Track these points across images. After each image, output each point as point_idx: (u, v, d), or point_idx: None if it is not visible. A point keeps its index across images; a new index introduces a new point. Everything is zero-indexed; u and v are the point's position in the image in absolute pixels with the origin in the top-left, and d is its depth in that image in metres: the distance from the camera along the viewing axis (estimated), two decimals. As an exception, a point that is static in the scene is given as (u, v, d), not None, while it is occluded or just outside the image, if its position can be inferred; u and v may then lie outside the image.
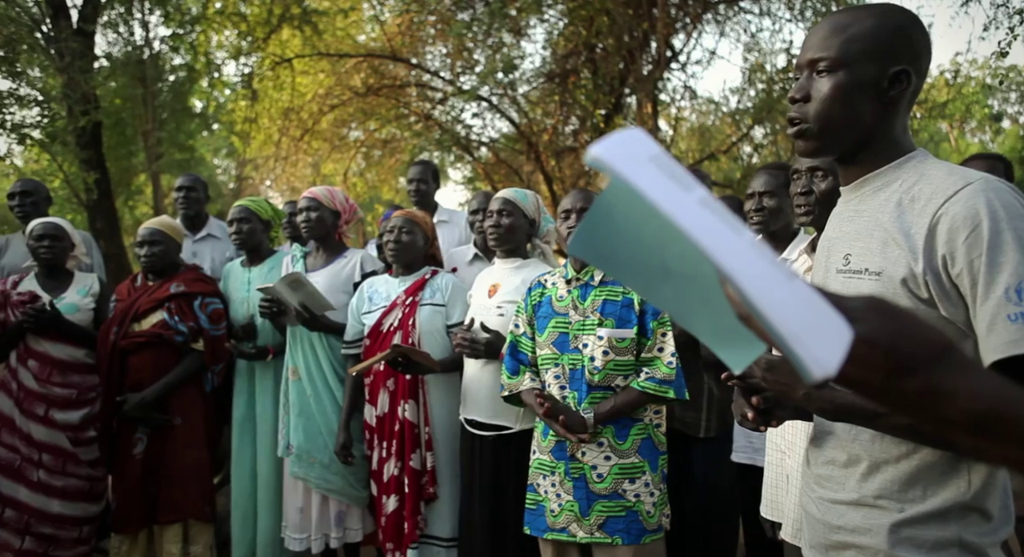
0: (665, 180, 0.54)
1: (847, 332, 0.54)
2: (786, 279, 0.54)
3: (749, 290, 0.51)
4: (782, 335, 0.51)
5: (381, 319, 2.71)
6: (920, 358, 0.57)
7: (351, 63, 8.45)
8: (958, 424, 0.56)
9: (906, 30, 1.10)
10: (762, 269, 0.53)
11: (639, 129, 0.58)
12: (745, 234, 0.55)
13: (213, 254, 3.71)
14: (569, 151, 8.76)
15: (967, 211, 0.99)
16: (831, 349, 0.52)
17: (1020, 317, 0.94)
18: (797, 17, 8.36)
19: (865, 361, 0.56)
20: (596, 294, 2.18)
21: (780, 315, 0.51)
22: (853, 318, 0.56)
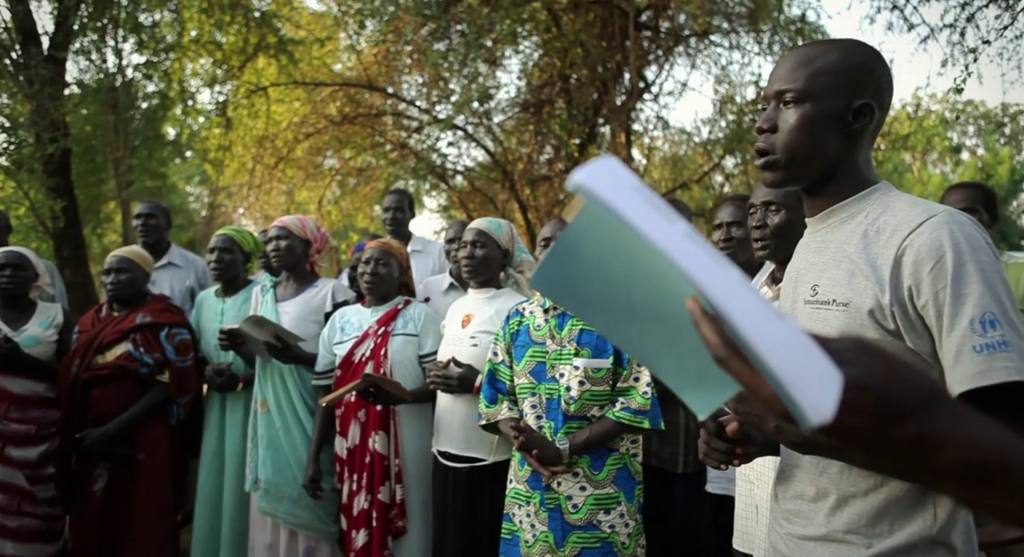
0: (651, 210, 0.52)
1: (837, 375, 0.51)
2: (778, 319, 0.51)
3: (745, 328, 0.48)
4: (779, 377, 0.48)
5: (353, 349, 2.67)
6: (912, 403, 0.54)
7: (327, 92, 8.47)
8: (951, 474, 0.53)
9: (869, 65, 1.12)
10: (755, 307, 0.50)
11: (614, 158, 0.55)
12: (733, 269, 0.52)
13: (173, 283, 3.64)
14: (544, 180, 8.83)
15: (931, 243, 1.01)
16: (825, 393, 0.49)
17: (985, 348, 0.95)
18: (765, 51, 8.59)
19: (855, 406, 0.53)
20: (573, 324, 2.18)
21: (777, 356, 0.48)
22: (842, 361, 0.53)
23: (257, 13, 6.57)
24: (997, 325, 0.95)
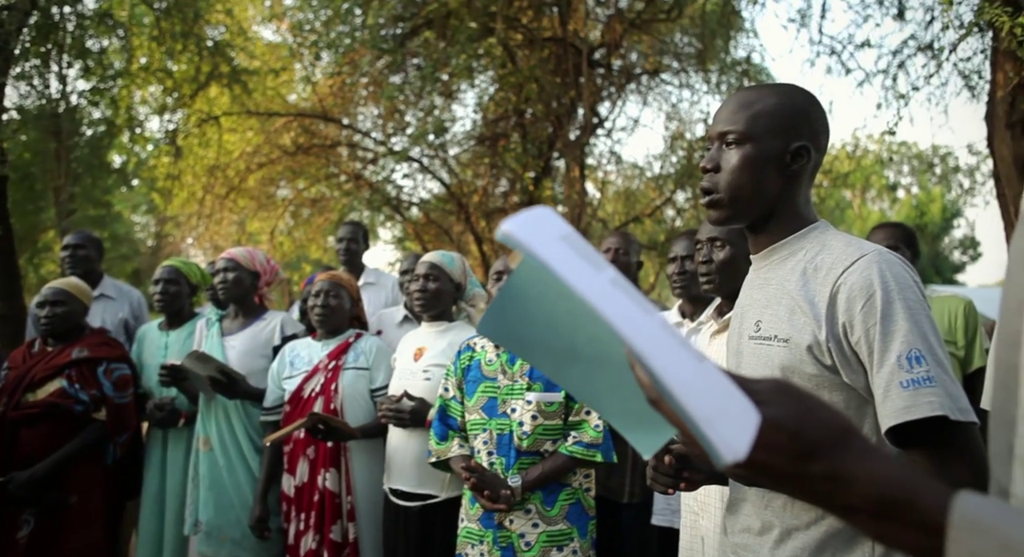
0: (577, 259, 0.53)
1: (755, 415, 0.54)
2: (696, 361, 0.53)
3: (660, 372, 0.50)
4: (693, 418, 0.50)
5: (303, 384, 2.62)
6: (825, 442, 0.56)
7: (281, 122, 8.40)
8: (862, 509, 0.55)
9: (806, 109, 1.17)
10: (673, 350, 0.52)
11: (549, 208, 0.57)
12: (655, 315, 0.54)
13: (105, 315, 3.49)
14: (499, 212, 8.88)
15: (862, 281, 1.05)
16: (740, 432, 0.51)
17: (911, 384, 0.98)
18: (713, 90, 8.89)
19: (771, 444, 0.55)
20: (524, 358, 2.16)
21: (691, 398, 0.50)
22: (760, 401, 0.56)
23: (210, 42, 6.49)
24: (923, 361, 0.99)
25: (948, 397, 0.97)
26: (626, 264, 2.93)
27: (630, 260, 2.96)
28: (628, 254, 2.96)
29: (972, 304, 2.77)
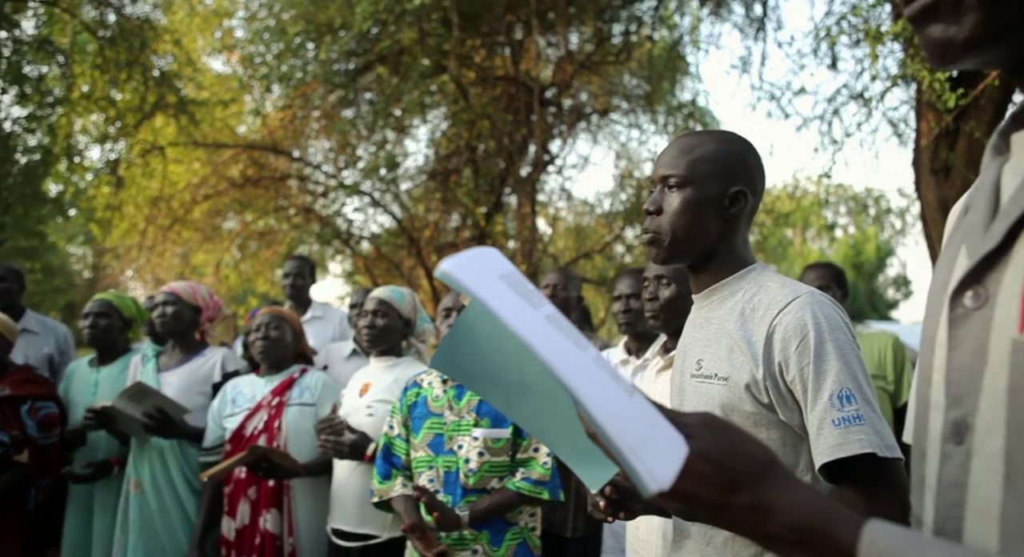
0: (514, 297, 0.55)
1: (683, 447, 0.56)
2: (626, 395, 0.56)
3: (588, 404, 0.52)
4: (620, 449, 0.52)
5: (245, 422, 2.53)
6: (748, 474, 0.59)
7: (229, 153, 8.27)
8: (782, 538, 0.57)
9: (743, 155, 1.23)
10: (603, 385, 0.54)
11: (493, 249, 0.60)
12: (589, 350, 0.56)
13: (28, 351, 3.31)
14: (451, 247, 8.88)
15: (796, 322, 1.09)
16: (667, 463, 0.54)
17: (843, 422, 1.03)
18: (661, 130, 9.17)
19: (698, 476, 0.58)
20: (472, 394, 2.15)
21: (618, 429, 0.52)
22: (688, 434, 0.58)
23: (157, 72, 6.38)
24: (853, 400, 1.03)
25: (876, 434, 1.02)
26: (565, 300, 2.98)
27: (568, 296, 3.02)
28: (567, 290, 3.02)
29: (900, 340, 2.89)
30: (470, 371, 0.65)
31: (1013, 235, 0.54)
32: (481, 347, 0.62)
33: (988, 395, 0.54)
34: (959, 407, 0.57)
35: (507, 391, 0.65)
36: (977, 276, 0.57)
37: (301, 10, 6.24)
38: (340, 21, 6.11)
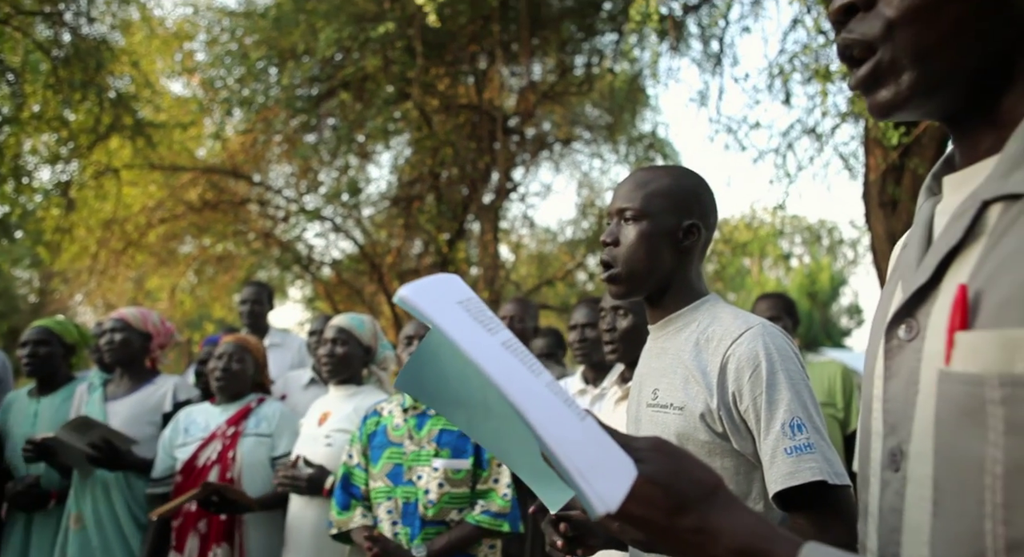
0: (471, 323, 0.57)
1: (632, 471, 0.59)
2: (578, 419, 0.58)
3: (539, 428, 0.54)
4: (569, 472, 0.54)
5: (197, 452, 2.45)
6: (694, 497, 0.61)
7: (187, 177, 8.13)
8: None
9: (696, 190, 1.27)
10: (555, 409, 0.56)
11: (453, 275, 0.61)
12: (543, 376, 0.58)
13: None
14: (413, 273, 8.83)
15: (749, 353, 1.12)
16: (615, 486, 0.56)
17: (795, 451, 1.05)
18: (622, 160, 9.34)
19: (646, 499, 0.60)
20: (433, 423, 2.12)
21: (568, 453, 0.54)
22: (638, 458, 0.61)
23: (113, 93, 6.25)
24: (804, 429, 1.07)
25: (826, 462, 1.05)
26: (522, 331, 3.04)
27: (526, 326, 3.07)
28: (523, 320, 3.08)
29: (848, 368, 2.98)
30: (434, 393, 0.66)
31: (942, 271, 0.58)
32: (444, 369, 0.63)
33: (919, 424, 0.57)
34: (895, 436, 0.60)
35: (470, 412, 0.66)
36: (910, 309, 0.60)
37: (264, 35, 6.23)
38: (304, 47, 6.11)
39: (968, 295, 0.54)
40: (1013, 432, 0.49)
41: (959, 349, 0.54)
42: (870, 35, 0.59)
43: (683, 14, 6.33)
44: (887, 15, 0.58)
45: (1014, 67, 0.57)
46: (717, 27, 6.21)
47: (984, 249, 0.55)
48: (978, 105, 0.60)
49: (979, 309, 0.53)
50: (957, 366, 0.54)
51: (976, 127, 0.61)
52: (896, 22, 0.58)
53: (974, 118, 0.61)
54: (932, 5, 0.56)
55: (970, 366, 0.53)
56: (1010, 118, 0.58)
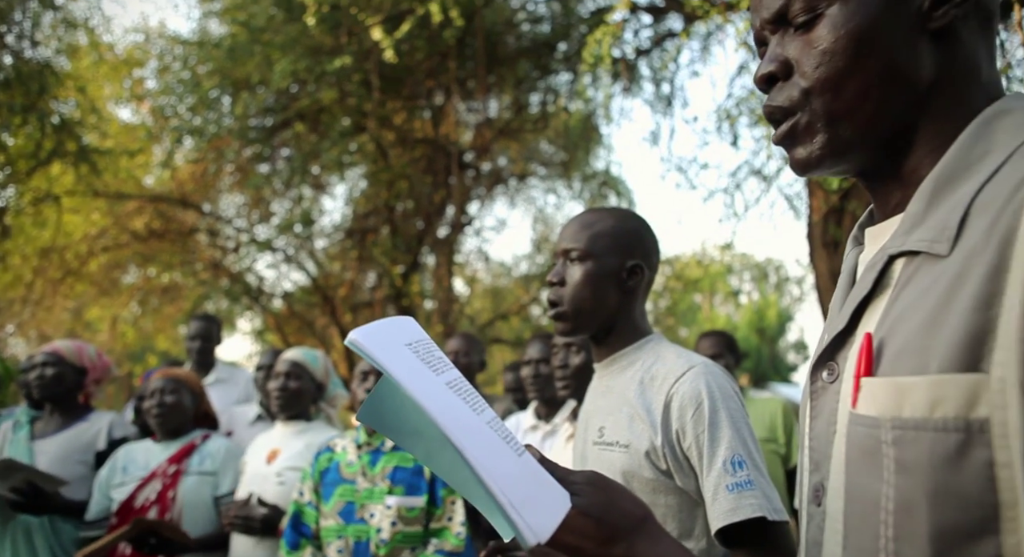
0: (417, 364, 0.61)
1: (566, 503, 0.63)
2: (516, 455, 0.63)
3: (475, 464, 0.58)
4: (502, 504, 0.58)
5: (135, 492, 2.34)
6: (624, 528, 0.66)
7: (133, 205, 7.91)
8: None
9: (639, 232, 1.32)
10: (493, 446, 0.61)
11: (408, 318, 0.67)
12: (485, 413, 0.64)
13: None
14: (366, 306, 8.73)
15: (692, 391, 1.16)
16: (548, 518, 0.60)
17: (736, 487, 1.08)
18: (577, 197, 9.49)
19: (579, 529, 0.65)
20: (387, 460, 2.09)
21: (501, 486, 0.59)
22: (573, 491, 0.66)
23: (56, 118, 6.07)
24: (744, 466, 1.10)
25: (766, 498, 1.08)
26: (467, 365, 3.06)
27: (471, 361, 3.11)
28: (469, 355, 3.11)
29: (789, 405, 3.07)
30: (394, 424, 0.69)
31: (856, 318, 0.63)
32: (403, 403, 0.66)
33: (835, 461, 0.62)
34: (818, 472, 0.64)
35: (428, 444, 0.69)
36: (831, 353, 0.65)
37: (218, 65, 6.16)
38: (258, 77, 6.06)
39: (873, 343, 0.59)
40: (902, 471, 0.54)
41: (863, 393, 0.58)
42: (788, 102, 0.66)
43: (635, 57, 6.54)
44: (803, 85, 0.64)
45: (916, 131, 0.63)
46: (668, 70, 6.43)
47: (889, 300, 0.60)
48: (887, 165, 0.65)
49: (881, 356, 0.58)
50: (861, 409, 0.58)
51: (886, 185, 0.66)
52: (810, 91, 0.64)
53: (884, 176, 0.66)
54: (839, 78, 0.62)
55: (870, 409, 0.57)
56: (914, 177, 0.63)
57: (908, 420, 0.54)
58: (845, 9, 0.62)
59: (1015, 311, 0.50)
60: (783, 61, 0.66)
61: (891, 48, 0.61)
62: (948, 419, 0.52)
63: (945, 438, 0.52)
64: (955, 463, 0.51)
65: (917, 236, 0.59)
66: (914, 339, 0.55)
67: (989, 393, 0.51)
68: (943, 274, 0.55)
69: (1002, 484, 0.50)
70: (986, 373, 0.51)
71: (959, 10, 0.61)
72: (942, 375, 0.52)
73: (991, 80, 0.64)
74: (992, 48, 0.65)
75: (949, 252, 0.56)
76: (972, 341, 0.51)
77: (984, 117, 0.60)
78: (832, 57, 0.62)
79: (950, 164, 0.59)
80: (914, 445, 0.53)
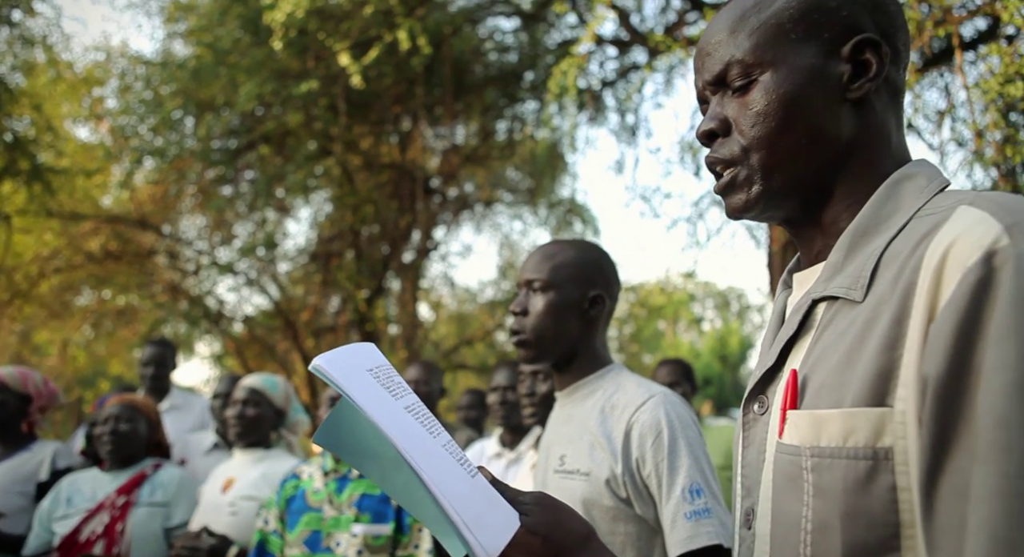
0: (378, 389, 0.65)
1: (515, 522, 0.68)
2: (469, 477, 0.67)
3: (430, 485, 0.62)
4: (455, 523, 0.62)
5: (80, 525, 2.24)
6: (569, 546, 0.72)
7: (89, 225, 7.72)
8: None
9: (600, 263, 1.34)
10: (448, 468, 0.65)
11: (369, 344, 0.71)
12: (441, 437, 0.67)
13: None
14: (329, 331, 8.62)
15: (652, 420, 1.18)
16: (498, 536, 0.64)
17: (694, 515, 1.11)
18: (542, 223, 9.57)
19: (526, 547, 0.70)
20: (354, 487, 2.05)
21: (455, 506, 0.63)
22: (522, 511, 0.71)
23: (9, 135, 5.91)
24: (702, 494, 1.13)
25: (722, 526, 1.10)
26: (427, 394, 3.06)
27: (431, 389, 3.11)
28: (429, 383, 3.12)
29: None
30: (350, 447, 0.71)
31: (784, 356, 0.70)
32: (361, 425, 0.68)
33: (764, 487, 0.68)
34: (749, 497, 0.70)
35: (383, 466, 0.71)
36: (762, 388, 0.72)
37: (181, 85, 6.10)
38: (223, 100, 6.01)
39: (798, 379, 0.65)
40: (819, 495, 0.60)
41: (788, 424, 0.65)
42: (729, 156, 0.73)
43: (601, 88, 6.67)
44: (742, 143, 0.72)
45: (835, 187, 0.71)
46: (632, 102, 6.57)
47: (812, 340, 0.67)
48: (810, 215, 0.73)
49: (804, 391, 0.65)
50: (786, 439, 0.65)
51: (809, 233, 0.74)
52: (748, 148, 0.71)
53: (807, 225, 0.74)
54: (772, 136, 0.70)
55: (793, 439, 0.64)
56: (833, 228, 0.72)
57: (825, 448, 0.60)
58: (776, 77, 0.70)
59: (914, 353, 0.57)
60: (723, 119, 0.74)
61: (816, 113, 0.69)
62: (859, 448, 0.58)
63: (856, 465, 0.58)
64: (864, 487, 0.58)
65: (836, 283, 0.66)
66: (832, 376, 0.62)
67: (893, 425, 0.57)
68: (858, 318, 0.62)
69: (903, 506, 0.56)
70: (891, 407, 0.57)
71: (872, 84, 0.69)
72: (854, 409, 0.59)
73: (899, 145, 0.72)
74: (900, 118, 0.73)
75: (863, 298, 0.63)
76: (879, 379, 0.58)
77: (893, 179, 0.68)
78: (766, 118, 0.70)
79: (864, 220, 0.67)
80: (829, 471, 0.60)
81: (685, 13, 5.95)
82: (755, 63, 0.71)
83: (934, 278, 0.57)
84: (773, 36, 0.70)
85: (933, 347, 0.55)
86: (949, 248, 0.57)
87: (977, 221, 0.57)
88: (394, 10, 5.04)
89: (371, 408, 0.63)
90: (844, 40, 0.70)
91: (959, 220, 0.59)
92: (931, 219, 0.62)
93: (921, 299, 0.57)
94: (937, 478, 0.54)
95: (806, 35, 0.70)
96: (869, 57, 0.69)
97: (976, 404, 0.52)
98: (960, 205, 0.61)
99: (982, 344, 0.53)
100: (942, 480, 0.54)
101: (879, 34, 0.70)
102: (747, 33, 0.71)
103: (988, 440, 0.51)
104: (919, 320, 0.57)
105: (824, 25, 0.70)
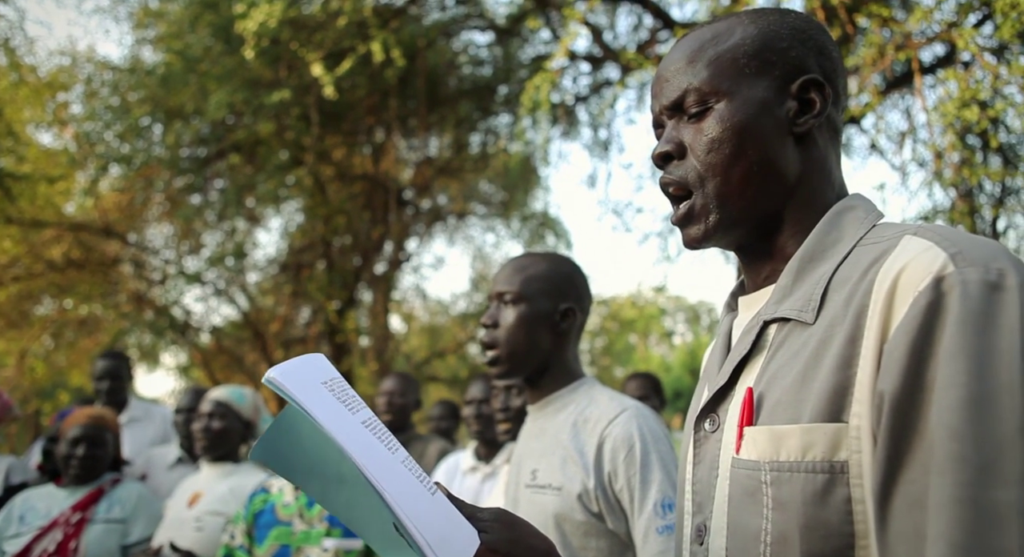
0: (334, 402, 0.63)
1: (475, 540, 0.67)
2: (428, 493, 0.66)
3: (391, 501, 0.61)
4: (417, 540, 0.61)
5: (32, 544, 2.17)
6: None
7: (50, 233, 7.53)
8: None
9: (571, 276, 1.34)
10: (407, 484, 0.63)
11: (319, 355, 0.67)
12: (399, 453, 0.66)
13: None
14: (299, 342, 8.50)
15: (624, 434, 1.18)
16: (459, 554, 0.63)
17: (665, 530, 1.10)
18: (515, 236, 9.59)
19: None
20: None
21: (416, 524, 0.61)
22: (481, 528, 0.71)
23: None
24: (674, 508, 1.12)
25: None
26: (402, 406, 3.02)
27: (407, 401, 3.07)
28: (404, 395, 3.08)
29: None
30: (289, 462, 0.69)
31: (736, 375, 0.72)
32: (303, 441, 0.66)
33: (718, 503, 0.69)
34: (701, 513, 0.72)
35: (324, 483, 0.69)
36: (713, 406, 0.74)
37: (149, 92, 6.00)
38: (193, 107, 5.93)
39: (754, 396, 0.68)
40: (778, 508, 0.62)
41: (745, 440, 0.67)
42: (683, 179, 0.76)
43: (574, 103, 6.73)
44: (698, 169, 0.75)
45: (783, 216, 0.75)
46: (605, 117, 6.64)
47: (765, 359, 0.70)
48: (759, 242, 0.77)
49: (761, 408, 0.67)
50: (744, 454, 0.67)
51: (759, 258, 0.78)
52: (704, 175, 0.74)
53: (757, 251, 0.77)
54: (727, 163, 0.73)
55: (752, 454, 0.66)
56: (781, 255, 0.75)
57: (784, 463, 0.63)
58: (731, 106, 0.73)
59: (867, 371, 0.60)
60: (678, 143, 0.77)
61: (767, 143, 0.73)
62: (816, 461, 0.61)
63: (814, 478, 0.61)
64: (821, 499, 0.60)
65: (787, 305, 0.69)
66: (788, 393, 0.64)
67: (848, 439, 0.60)
68: (811, 338, 0.65)
69: (857, 517, 0.59)
70: (846, 422, 0.60)
71: (816, 120, 0.74)
72: (812, 424, 0.61)
73: (839, 179, 0.77)
74: (839, 154, 0.78)
75: (814, 320, 0.66)
76: (835, 396, 0.61)
77: (835, 210, 0.73)
78: (720, 145, 0.73)
79: (810, 247, 0.71)
80: (788, 484, 0.62)
81: (657, 31, 6.05)
82: (711, 92, 0.74)
83: (886, 301, 0.60)
84: (729, 68, 0.74)
85: (888, 365, 0.58)
86: (900, 274, 0.60)
87: (924, 249, 0.61)
88: (368, 22, 5.03)
89: (329, 423, 0.61)
90: (792, 78, 0.74)
91: (906, 248, 0.62)
92: (876, 247, 0.66)
93: (874, 320, 0.60)
94: (891, 489, 0.56)
95: (759, 70, 0.74)
96: (814, 96, 0.74)
97: (930, 418, 0.55)
98: (905, 235, 0.64)
99: (934, 362, 0.56)
100: (896, 491, 0.56)
101: (823, 76, 0.75)
102: (704, 63, 0.75)
103: (943, 452, 0.53)
104: (872, 340, 0.60)
105: (775, 63, 0.74)
